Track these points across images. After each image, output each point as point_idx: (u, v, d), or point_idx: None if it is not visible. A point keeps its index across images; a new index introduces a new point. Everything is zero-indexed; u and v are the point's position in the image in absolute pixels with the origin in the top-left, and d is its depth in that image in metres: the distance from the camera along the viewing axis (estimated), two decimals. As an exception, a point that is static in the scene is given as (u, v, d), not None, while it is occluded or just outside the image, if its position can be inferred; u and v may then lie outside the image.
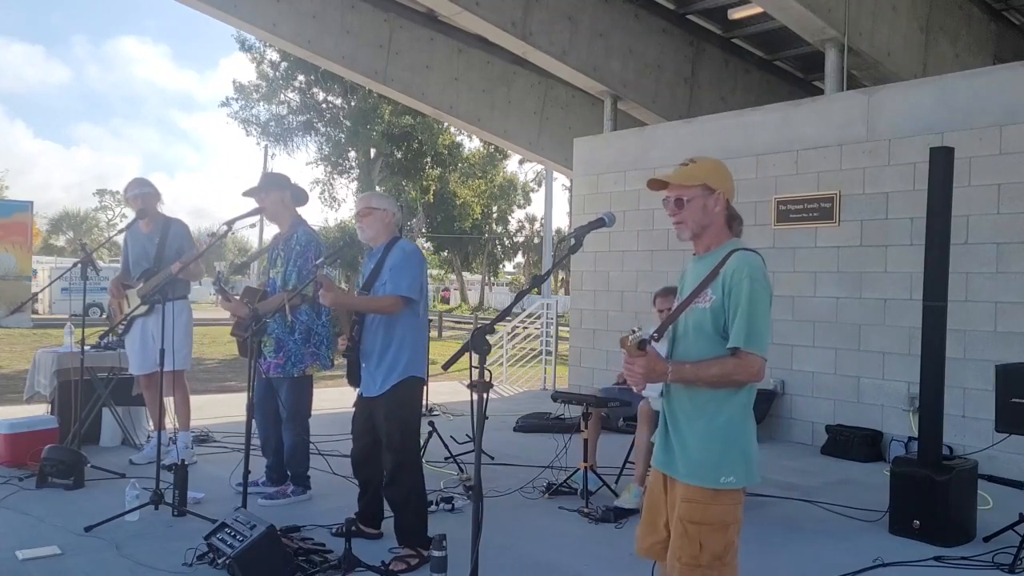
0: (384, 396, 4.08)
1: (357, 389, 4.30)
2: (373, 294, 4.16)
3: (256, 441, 5.25)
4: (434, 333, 18.95)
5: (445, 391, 10.30)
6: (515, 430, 8.06)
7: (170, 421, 6.01)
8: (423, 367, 4.30)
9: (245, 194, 5.15)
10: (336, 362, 5.29)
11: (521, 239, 53.82)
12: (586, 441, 5.37)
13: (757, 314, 2.42)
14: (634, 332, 2.36)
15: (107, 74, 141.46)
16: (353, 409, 4.38)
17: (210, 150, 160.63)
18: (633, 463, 5.39)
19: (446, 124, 25.01)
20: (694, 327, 2.51)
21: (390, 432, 4.06)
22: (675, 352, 2.58)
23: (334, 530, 4.40)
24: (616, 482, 5.57)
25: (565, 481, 5.53)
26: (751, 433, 2.54)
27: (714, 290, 2.48)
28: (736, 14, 10.55)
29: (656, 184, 2.64)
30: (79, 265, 5.53)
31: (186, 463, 4.90)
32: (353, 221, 6.10)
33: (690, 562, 2.47)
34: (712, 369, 2.43)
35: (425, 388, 4.57)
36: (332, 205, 32.32)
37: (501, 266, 58.12)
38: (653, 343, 2.43)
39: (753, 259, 2.50)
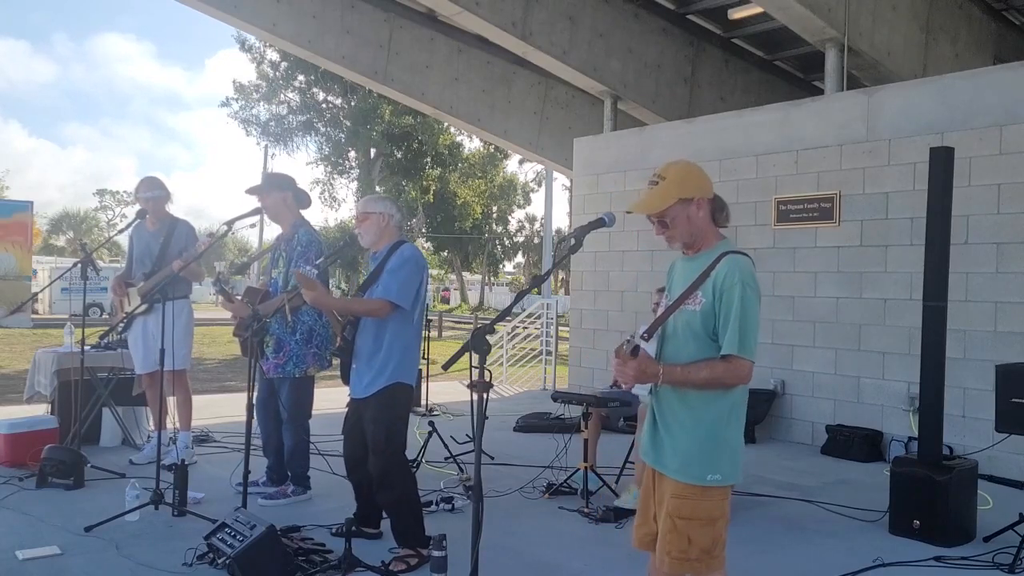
0: (370, 400, 4.07)
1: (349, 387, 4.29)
2: (369, 297, 4.15)
3: (257, 441, 5.25)
4: (434, 333, 18.95)
5: (445, 391, 10.29)
6: (515, 430, 8.06)
7: (170, 421, 6.00)
8: (412, 374, 4.22)
9: (248, 191, 5.16)
10: (333, 362, 5.28)
11: (521, 239, 53.84)
12: (586, 441, 5.37)
13: (748, 319, 2.47)
14: (628, 341, 2.44)
15: (92, 72, 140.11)
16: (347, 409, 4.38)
17: (203, 149, 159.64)
18: (633, 463, 5.38)
19: (446, 124, 25.02)
20: (683, 328, 2.55)
21: (375, 436, 4.04)
22: (664, 351, 2.61)
23: (334, 530, 4.40)
24: (616, 482, 5.56)
25: (565, 481, 5.53)
26: (738, 432, 2.59)
27: (704, 293, 2.52)
28: (736, 14, 10.55)
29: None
30: (79, 265, 5.53)
31: (186, 463, 4.91)
32: (353, 221, 6.10)
33: (679, 556, 2.53)
34: (702, 372, 2.47)
35: (421, 391, 4.53)
36: (332, 205, 32.41)
37: (501, 266, 58.14)
38: (643, 343, 2.48)
39: (744, 263, 2.53)
